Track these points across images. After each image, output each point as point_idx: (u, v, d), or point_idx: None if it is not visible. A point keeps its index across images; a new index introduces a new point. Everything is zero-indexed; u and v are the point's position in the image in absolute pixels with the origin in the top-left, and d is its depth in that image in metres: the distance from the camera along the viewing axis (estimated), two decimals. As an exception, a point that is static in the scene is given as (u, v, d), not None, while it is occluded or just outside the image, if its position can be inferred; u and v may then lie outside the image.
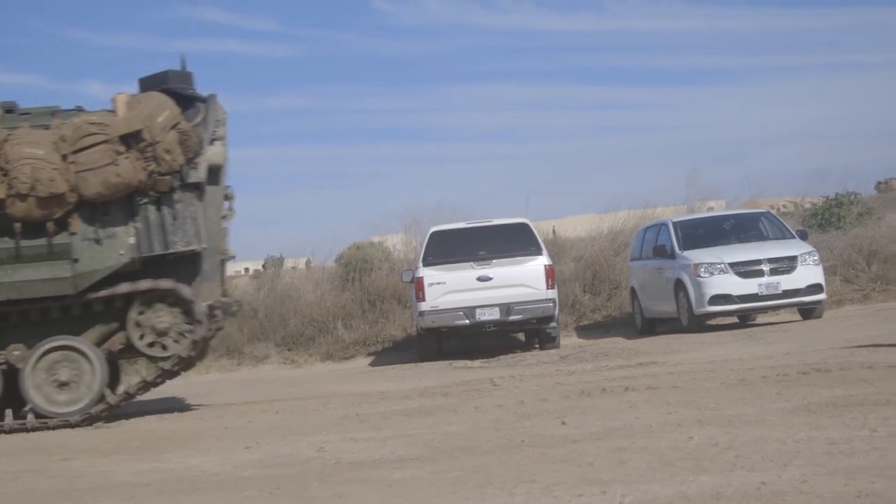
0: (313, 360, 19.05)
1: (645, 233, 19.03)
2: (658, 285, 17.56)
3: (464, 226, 17.38)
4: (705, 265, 16.38)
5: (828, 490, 4.98)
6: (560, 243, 22.64)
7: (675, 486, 5.38)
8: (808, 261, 16.41)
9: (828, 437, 6.31)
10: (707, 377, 9.95)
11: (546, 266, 16.51)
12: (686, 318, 16.71)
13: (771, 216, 18.68)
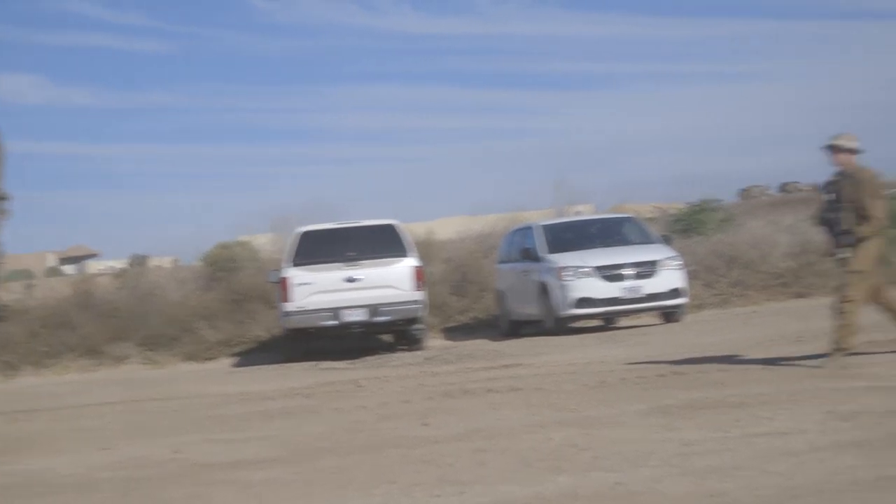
0: (175, 361, 18.71)
1: (512, 236, 19.19)
2: (524, 288, 17.72)
3: (332, 226, 17.29)
4: (570, 268, 16.59)
5: (679, 490, 5.08)
6: (430, 245, 22.69)
7: (533, 486, 5.42)
8: (671, 265, 16.75)
9: (682, 439, 6.43)
10: (569, 379, 10.07)
11: (414, 267, 16.53)
12: (551, 321, 16.90)
13: (636, 221, 19.02)
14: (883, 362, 9.49)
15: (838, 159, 9.69)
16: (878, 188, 9.56)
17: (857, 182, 9.52)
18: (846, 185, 9.57)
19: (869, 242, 9.48)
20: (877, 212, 9.41)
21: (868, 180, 9.54)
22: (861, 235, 9.44)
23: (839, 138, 9.71)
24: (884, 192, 9.64)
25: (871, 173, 9.64)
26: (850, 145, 9.67)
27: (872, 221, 9.41)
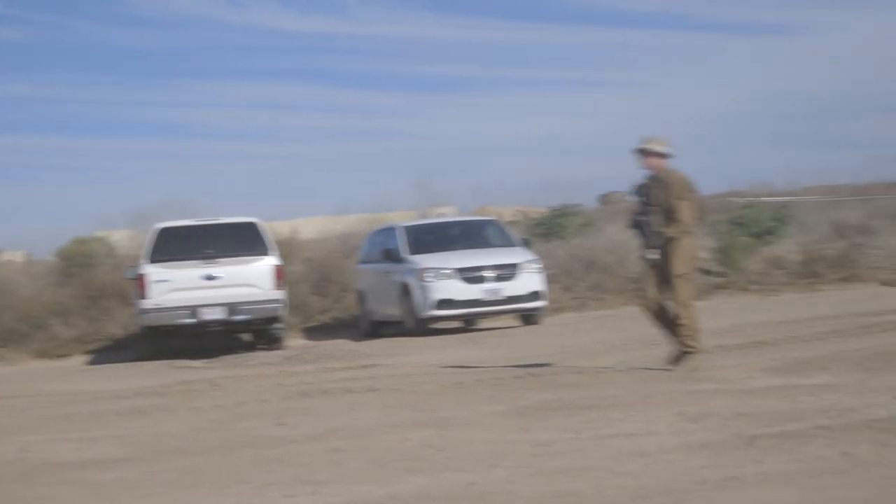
0: (26, 358, 18.19)
1: (375, 236, 19.19)
2: (385, 288, 17.73)
3: (192, 223, 17.06)
4: (432, 270, 16.66)
5: (531, 490, 5.14)
6: (291, 244, 22.51)
7: (387, 486, 5.42)
8: (531, 269, 16.96)
9: (536, 440, 6.51)
10: (427, 380, 10.11)
11: (274, 266, 16.40)
12: (411, 322, 16.95)
13: (497, 224, 19.22)
14: (731, 366, 9.75)
15: (649, 163, 9.82)
16: (685, 190, 9.68)
17: (665, 185, 9.65)
18: (656, 188, 9.71)
19: (681, 243, 9.60)
20: (683, 214, 9.54)
21: (676, 182, 9.67)
22: (669, 236, 9.55)
23: (650, 142, 9.83)
24: (691, 195, 9.75)
25: (679, 176, 9.78)
26: (660, 149, 9.80)
27: (680, 223, 9.54)
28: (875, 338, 11.11)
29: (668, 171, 9.81)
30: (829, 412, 6.84)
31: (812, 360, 9.61)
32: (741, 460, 5.51)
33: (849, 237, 23.23)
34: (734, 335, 12.54)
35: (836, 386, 8.02)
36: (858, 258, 21.86)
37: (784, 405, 7.29)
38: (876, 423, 6.30)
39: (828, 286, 20.56)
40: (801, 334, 12.05)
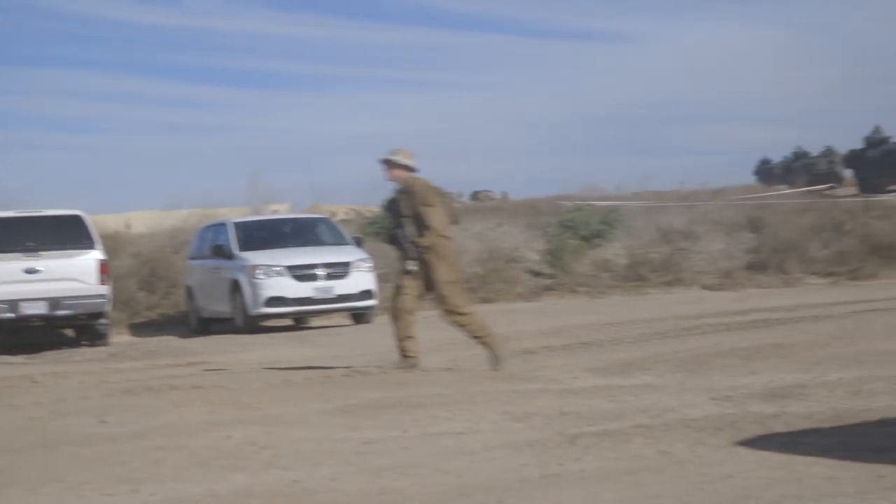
0: None
1: (205, 232, 18.90)
2: (215, 285, 17.49)
3: (12, 215, 16.50)
4: (262, 267, 16.50)
5: (354, 488, 5.13)
6: (118, 238, 21.98)
7: (207, 484, 5.34)
8: (362, 267, 16.95)
9: (363, 438, 6.50)
10: (254, 378, 9.98)
11: (99, 260, 15.99)
12: (241, 319, 16.76)
13: (329, 222, 19.15)
14: (557, 366, 9.93)
15: (393, 174, 9.88)
16: (430, 197, 9.69)
17: (411, 194, 9.71)
18: (404, 200, 9.78)
19: (438, 251, 9.64)
20: (433, 220, 9.57)
21: (421, 190, 9.70)
22: (424, 245, 9.58)
23: (395, 154, 9.88)
24: (440, 200, 9.76)
25: (424, 183, 9.81)
26: (405, 162, 9.84)
27: (431, 230, 9.56)
28: (695, 340, 11.48)
29: (412, 180, 9.80)
30: (648, 412, 7.03)
31: (635, 361, 9.86)
32: (562, 458, 5.61)
33: (674, 242, 23.95)
34: (561, 336, 12.78)
35: (656, 386, 8.24)
36: (682, 263, 22.57)
37: (606, 404, 7.45)
38: (692, 422, 6.49)
39: (653, 289, 21.17)
40: (626, 336, 12.35)
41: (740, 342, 10.76)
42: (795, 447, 5.55)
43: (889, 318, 12.59)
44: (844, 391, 7.36)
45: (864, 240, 24.47)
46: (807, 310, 14.69)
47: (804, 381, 7.97)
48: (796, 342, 10.29)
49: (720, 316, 14.41)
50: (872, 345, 9.81)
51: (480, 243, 22.27)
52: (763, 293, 20.01)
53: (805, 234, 24.58)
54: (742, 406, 7.03)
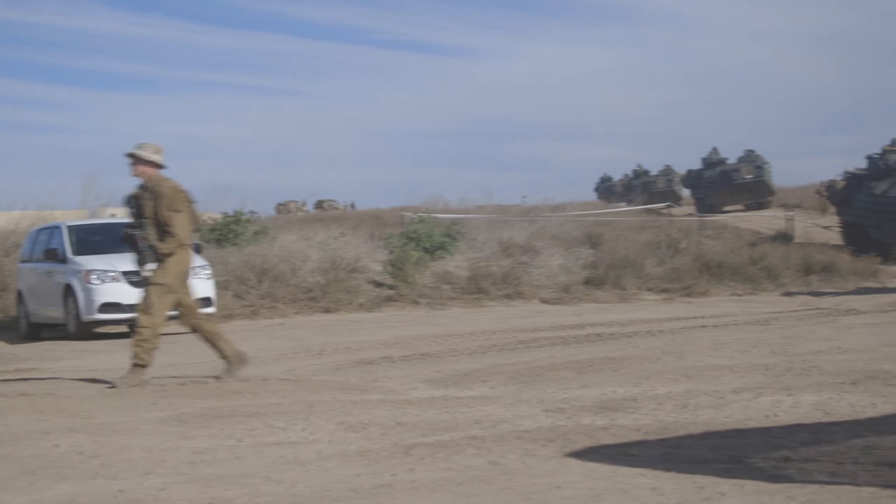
0: None
1: (37, 235, 18.33)
2: (47, 289, 16.98)
3: None
4: (97, 272, 16.09)
5: (183, 497, 5.05)
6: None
7: (31, 494, 5.19)
8: (200, 274, 16.66)
9: (194, 447, 6.40)
10: (85, 385, 9.74)
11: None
12: (73, 325, 16.31)
13: (169, 228, 18.78)
14: (396, 377, 9.95)
15: (138, 170, 9.39)
16: (177, 202, 9.28)
17: (157, 195, 9.25)
18: (148, 199, 9.31)
19: (175, 257, 9.30)
20: (177, 227, 9.21)
21: (167, 193, 9.25)
22: (164, 251, 9.25)
23: (142, 148, 9.40)
24: (185, 206, 9.37)
25: (172, 185, 9.36)
26: (152, 157, 9.36)
27: (174, 237, 9.22)
28: (531, 353, 11.64)
29: (159, 180, 9.36)
30: (482, 423, 7.10)
31: (472, 372, 9.95)
32: (395, 468, 5.63)
33: (514, 256, 24.27)
34: (401, 347, 12.81)
35: (491, 398, 8.33)
36: (522, 276, 22.87)
37: (442, 416, 7.51)
38: (524, 433, 6.59)
39: (493, 302, 21.40)
40: (464, 348, 12.45)
41: (575, 355, 10.96)
42: (623, 459, 5.69)
43: (717, 334, 12.99)
44: (672, 404, 7.56)
45: (697, 258, 25.25)
46: (640, 325, 15.06)
47: (634, 394, 8.16)
48: (628, 356, 10.53)
49: (557, 329, 14.66)
50: (700, 360, 10.10)
51: (323, 252, 22.18)
52: (599, 308, 20.43)
53: (641, 251, 25.22)
54: (573, 418, 7.17)
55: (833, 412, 7.04)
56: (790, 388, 8.07)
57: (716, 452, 5.75)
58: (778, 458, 5.53)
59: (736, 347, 11.10)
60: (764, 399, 7.63)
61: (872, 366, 9.20)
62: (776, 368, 9.27)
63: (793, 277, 25.40)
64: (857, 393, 7.78)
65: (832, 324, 14.35)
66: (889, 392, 7.77)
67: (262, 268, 20.74)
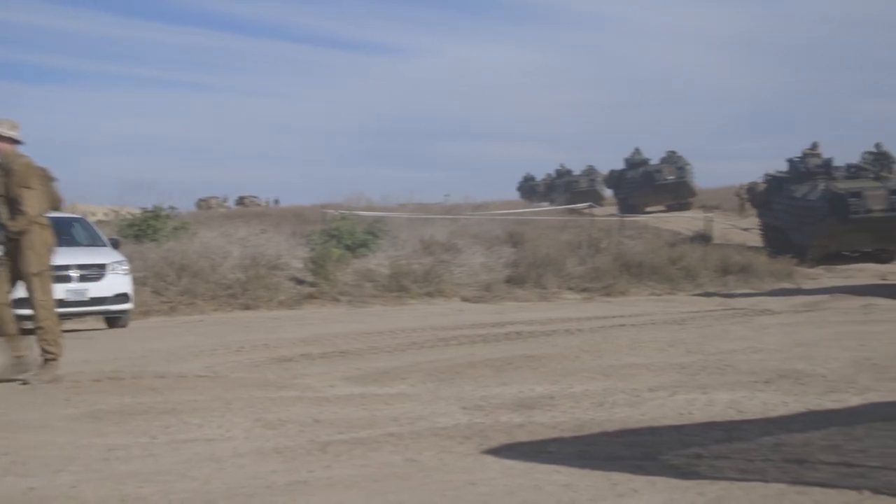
0: None
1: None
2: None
3: None
4: (12, 267, 15.80)
5: (95, 495, 4.99)
6: None
7: (-63, 492, 5.09)
8: (118, 270, 16.48)
9: (108, 444, 6.33)
10: (-3, 381, 9.57)
11: None
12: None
13: (85, 222, 18.53)
14: (315, 374, 9.91)
15: None
16: (29, 178, 9.02)
17: (9, 171, 9.01)
18: (1, 176, 9.06)
19: (31, 238, 9.09)
20: (29, 204, 8.98)
21: (21, 169, 9.02)
22: (14, 229, 9.02)
23: None
24: (38, 183, 9.10)
25: (25, 162, 9.10)
26: (8, 133, 9.08)
27: (25, 214, 8.99)
28: (451, 351, 11.67)
29: (14, 157, 9.08)
30: (400, 420, 7.11)
31: (391, 370, 9.95)
32: (312, 465, 5.61)
33: (436, 254, 24.32)
34: (320, 344, 12.77)
35: (410, 395, 8.34)
36: (444, 274, 22.92)
37: (360, 413, 7.50)
38: (442, 430, 6.60)
39: (414, 300, 21.42)
40: (384, 345, 12.45)
41: (494, 353, 11.01)
42: (538, 456, 5.73)
43: (635, 333, 13.14)
44: (589, 402, 7.63)
45: (618, 258, 25.51)
46: (560, 323, 15.17)
47: (552, 392, 8.22)
48: (547, 355, 10.60)
49: (477, 328, 14.71)
50: (618, 358, 10.21)
51: (243, 249, 22.03)
52: (520, 306, 20.54)
53: (562, 251, 25.42)
54: (491, 416, 7.19)
55: (746, 410, 7.14)
56: (705, 387, 8.18)
57: (630, 449, 5.81)
58: (690, 455, 5.60)
59: (653, 346, 11.24)
60: (679, 397, 7.73)
61: (785, 365, 9.36)
62: (692, 367, 9.40)
63: (710, 278, 25.76)
64: (770, 391, 7.92)
65: (747, 324, 14.58)
66: (800, 391, 7.92)
67: (182, 264, 20.56)
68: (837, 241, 29.59)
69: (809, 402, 7.38)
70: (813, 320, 14.90)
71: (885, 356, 9.89)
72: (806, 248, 29.50)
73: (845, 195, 28.58)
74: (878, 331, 12.58)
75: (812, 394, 7.76)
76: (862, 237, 29.01)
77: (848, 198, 28.45)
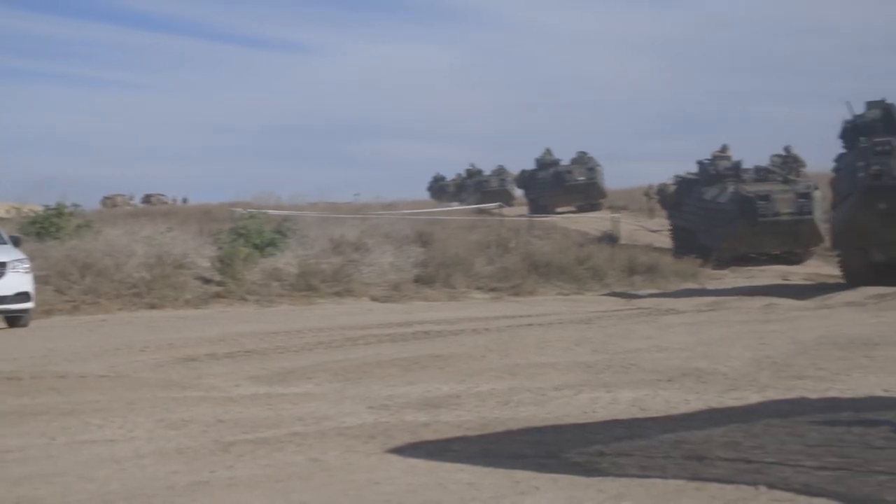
0: None
1: None
2: None
3: None
4: None
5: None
6: None
7: None
8: (19, 268, 16.16)
9: (4, 446, 6.21)
10: None
11: None
12: None
13: (-14, 220, 18.15)
14: (219, 374, 9.82)
15: None
16: None
17: None
18: None
19: None
20: None
21: None
22: None
23: None
24: None
25: None
26: None
27: None
28: (358, 350, 11.64)
29: None
30: (305, 420, 7.07)
31: (297, 369, 9.89)
32: (214, 466, 5.56)
33: (345, 254, 24.22)
34: (226, 344, 12.65)
35: (316, 395, 8.31)
36: (353, 274, 22.83)
37: (265, 413, 7.45)
38: (347, 430, 6.59)
39: (322, 299, 21.30)
40: (291, 345, 12.37)
41: (401, 353, 11.00)
42: (443, 454, 5.74)
43: (542, 333, 13.22)
44: (495, 401, 7.66)
45: (526, 257, 25.63)
46: (467, 323, 15.21)
47: (458, 391, 8.24)
48: (454, 354, 10.63)
49: (385, 327, 14.68)
50: (525, 357, 10.27)
51: (149, 247, 21.73)
52: (429, 306, 20.55)
53: (471, 251, 25.47)
54: (397, 415, 7.19)
55: (648, 408, 7.24)
56: (609, 385, 8.27)
57: (534, 448, 5.85)
58: (593, 452, 5.65)
59: (559, 346, 11.32)
60: (583, 396, 7.80)
61: (688, 363, 9.50)
62: (597, 366, 9.49)
63: (617, 278, 26.01)
64: (673, 390, 8.02)
65: (652, 323, 14.76)
66: (702, 389, 8.04)
67: (85, 262, 20.19)
68: (746, 243, 29.95)
69: (710, 400, 7.50)
70: (716, 320, 15.14)
71: (785, 354, 10.09)
72: (715, 249, 29.86)
73: (754, 198, 28.92)
74: (779, 330, 12.82)
75: (713, 392, 7.88)
76: (770, 240, 29.26)
77: (756, 200, 28.80)
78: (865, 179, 19.65)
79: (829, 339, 11.33)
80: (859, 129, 20.93)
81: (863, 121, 21.21)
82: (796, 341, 11.26)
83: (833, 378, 8.46)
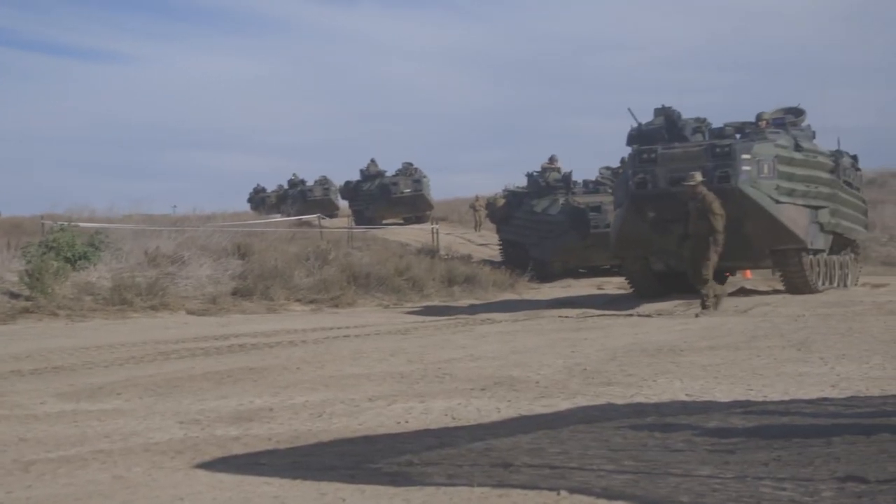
0: None
1: None
2: None
3: None
4: None
5: None
6: None
7: None
8: None
9: None
10: None
11: None
12: None
13: None
14: (24, 391, 9.49)
15: None
16: None
17: None
18: None
19: None
20: None
21: None
22: None
23: None
24: None
25: None
26: None
27: None
28: (171, 364, 11.42)
29: None
30: (112, 436, 6.90)
31: (106, 385, 9.64)
32: (11, 486, 5.38)
33: (161, 266, 23.74)
34: (32, 360, 12.23)
35: (124, 411, 8.11)
36: (169, 287, 22.39)
37: (70, 430, 7.24)
38: (154, 445, 6.45)
39: (137, 313, 20.82)
40: (101, 360, 12.05)
41: (215, 366, 10.85)
42: (251, 468, 5.68)
43: (358, 344, 13.23)
44: (308, 413, 7.63)
45: (346, 269, 25.63)
46: (284, 335, 15.10)
47: (272, 404, 8.17)
48: (269, 366, 10.54)
49: (200, 341, 14.46)
50: (340, 369, 10.26)
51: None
52: (246, 319, 20.31)
53: (291, 263, 25.32)
54: (207, 429, 7.09)
55: (460, 417, 7.31)
56: (423, 395, 8.32)
57: (343, 459, 5.84)
58: (402, 462, 5.68)
59: (375, 356, 11.35)
60: (397, 406, 7.84)
61: (501, 372, 9.64)
62: (412, 376, 9.54)
63: (437, 288, 26.26)
64: (485, 398, 8.13)
65: (468, 333, 14.94)
66: (514, 397, 8.17)
67: None
68: (577, 255, 30.04)
69: (521, 408, 7.63)
70: (530, 328, 15.41)
71: (595, 361, 10.34)
72: (546, 263, 30.03)
73: (585, 209, 29.26)
74: (591, 337, 13.14)
75: (524, 399, 8.02)
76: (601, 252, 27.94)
77: (588, 212, 29.11)
78: (632, 188, 20.03)
79: (639, 347, 11.67)
80: (644, 136, 21.31)
81: (648, 128, 21.65)
82: (607, 349, 11.56)
83: (640, 384, 8.70)
